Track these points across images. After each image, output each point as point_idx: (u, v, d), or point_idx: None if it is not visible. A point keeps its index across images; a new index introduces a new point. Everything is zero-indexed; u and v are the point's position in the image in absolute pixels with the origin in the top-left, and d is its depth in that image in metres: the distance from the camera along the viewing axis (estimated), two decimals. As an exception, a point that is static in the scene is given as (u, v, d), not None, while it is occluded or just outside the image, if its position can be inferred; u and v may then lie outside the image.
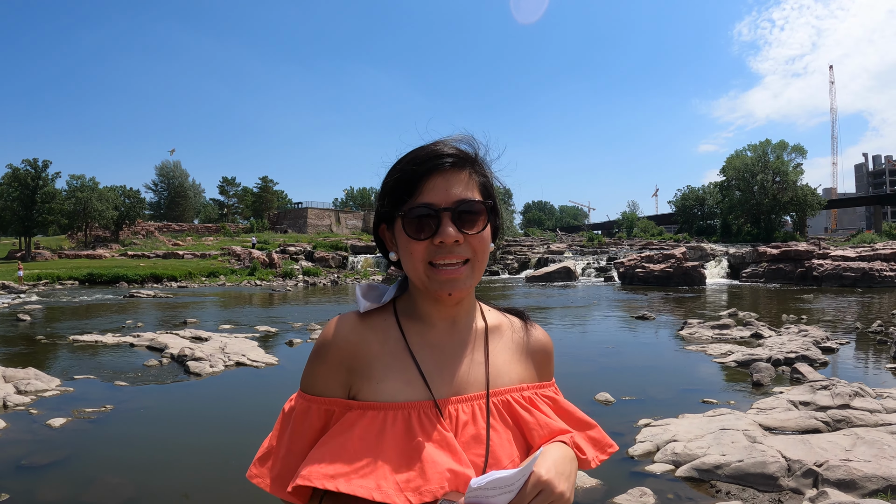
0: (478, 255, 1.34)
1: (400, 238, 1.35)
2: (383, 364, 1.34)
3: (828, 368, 11.63)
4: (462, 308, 1.43)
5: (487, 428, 1.32)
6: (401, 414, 1.28)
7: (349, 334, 1.36)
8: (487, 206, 1.36)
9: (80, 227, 70.70)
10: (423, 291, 1.38)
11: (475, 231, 1.33)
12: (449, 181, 1.32)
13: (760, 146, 76.88)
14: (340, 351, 1.34)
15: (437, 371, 1.36)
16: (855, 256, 41.04)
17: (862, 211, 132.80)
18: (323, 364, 1.35)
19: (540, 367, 1.51)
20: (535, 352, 1.52)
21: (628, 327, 18.76)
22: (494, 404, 1.37)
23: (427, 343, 1.39)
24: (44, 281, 40.75)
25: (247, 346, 13.60)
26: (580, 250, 63.10)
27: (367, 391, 1.32)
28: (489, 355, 1.43)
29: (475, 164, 1.39)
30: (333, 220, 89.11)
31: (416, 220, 1.30)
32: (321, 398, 1.33)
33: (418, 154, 1.34)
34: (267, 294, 34.87)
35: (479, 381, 1.39)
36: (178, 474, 6.33)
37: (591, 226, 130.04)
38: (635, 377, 10.94)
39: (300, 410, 1.34)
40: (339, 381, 1.33)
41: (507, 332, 1.50)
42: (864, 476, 5.33)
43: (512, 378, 1.43)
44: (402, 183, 1.34)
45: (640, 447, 6.73)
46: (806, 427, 7.18)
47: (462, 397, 1.34)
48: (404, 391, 1.31)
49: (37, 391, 9.42)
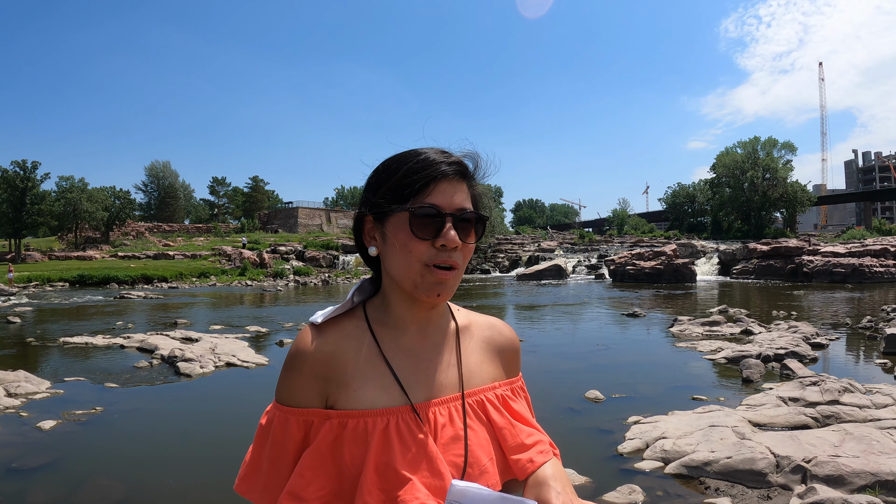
0: (463, 265, 1.36)
1: (398, 235, 1.33)
2: (359, 372, 1.34)
3: (818, 364, 11.67)
4: (435, 311, 1.45)
5: (465, 428, 1.33)
6: (380, 421, 1.28)
7: (323, 344, 1.35)
8: (482, 219, 1.40)
9: (71, 228, 70.14)
10: (404, 293, 1.37)
11: (471, 241, 1.36)
12: (454, 188, 1.35)
13: (750, 143, 77.19)
14: (315, 361, 1.33)
15: (412, 376, 1.37)
16: (845, 252, 41.33)
17: (852, 207, 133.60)
18: (299, 376, 1.33)
19: (508, 364, 1.54)
20: (504, 349, 1.54)
21: (619, 325, 18.79)
22: (470, 405, 1.38)
23: (401, 348, 1.40)
24: (34, 283, 40.32)
25: (237, 346, 13.55)
26: (571, 248, 63.23)
27: (344, 400, 1.31)
28: (461, 356, 1.45)
29: (473, 178, 1.43)
30: (324, 220, 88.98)
31: (423, 219, 1.30)
32: (299, 409, 1.32)
33: (427, 156, 1.35)
34: (258, 294, 34.72)
35: (454, 382, 1.40)
36: (170, 475, 6.29)
37: (581, 223, 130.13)
38: (625, 374, 10.97)
39: (279, 423, 1.33)
40: (316, 391, 1.32)
41: (476, 332, 1.53)
42: (852, 472, 5.35)
43: (484, 377, 1.46)
44: (411, 180, 1.33)
45: (629, 444, 6.74)
46: (795, 423, 7.21)
47: (438, 400, 1.35)
48: (382, 398, 1.31)
49: (27, 393, 9.36)
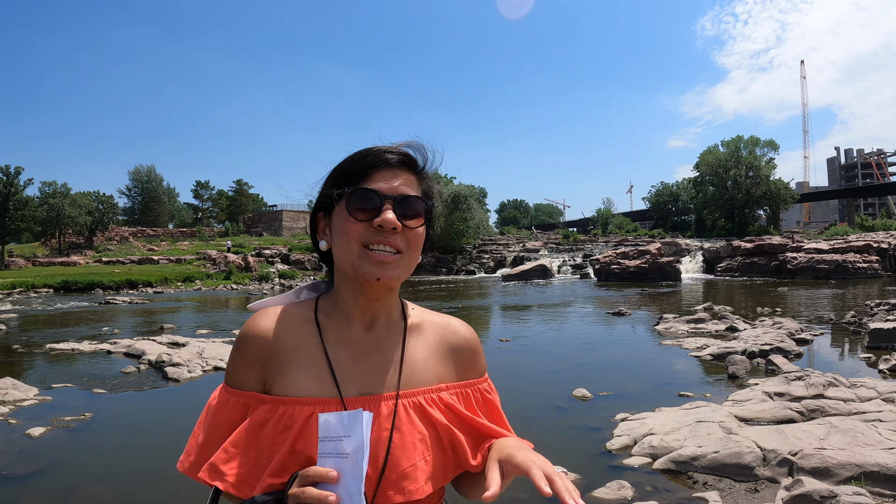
0: (411, 250, 1.36)
1: (337, 219, 1.36)
2: (296, 360, 1.36)
3: (802, 359, 11.75)
4: (383, 306, 1.44)
5: (391, 429, 1.31)
6: (306, 409, 1.29)
7: (265, 330, 1.39)
8: (427, 206, 1.38)
9: (54, 233, 69.53)
10: (349, 279, 1.39)
11: (413, 225, 1.35)
12: (396, 176, 1.36)
13: (733, 142, 77.84)
14: (256, 346, 1.37)
15: (349, 369, 1.37)
16: (828, 249, 41.70)
17: (835, 204, 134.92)
18: (240, 359, 1.38)
19: (465, 365, 1.50)
20: (458, 349, 1.50)
21: (605, 323, 18.80)
22: (404, 405, 1.36)
23: (343, 340, 1.40)
24: (18, 289, 39.89)
25: (224, 350, 13.38)
26: (556, 248, 63.28)
27: (279, 386, 1.34)
28: (406, 354, 1.43)
29: (421, 171, 1.43)
30: (308, 223, 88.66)
31: (359, 199, 1.32)
32: (240, 391, 1.36)
33: (368, 151, 1.39)
34: (243, 298, 34.47)
35: (392, 380, 1.39)
36: (160, 481, 6.21)
37: (566, 223, 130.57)
38: (612, 373, 10.99)
39: (220, 402, 1.37)
40: (255, 374, 1.36)
41: (428, 331, 1.50)
42: (838, 464, 5.39)
43: (428, 378, 1.43)
44: (350, 172, 1.36)
45: (617, 441, 6.75)
46: (781, 417, 7.25)
47: (370, 397, 1.35)
48: (313, 387, 1.33)
49: (14, 401, 9.22)
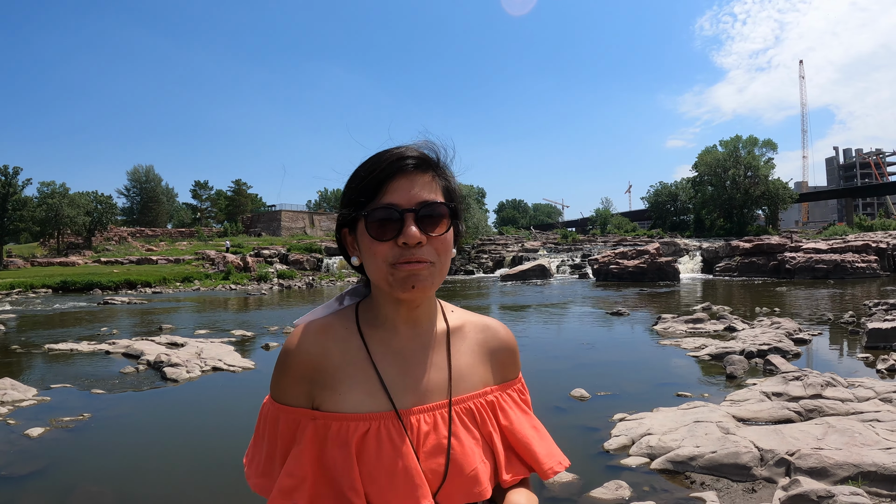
0: (440, 258, 1.33)
1: (363, 240, 1.33)
2: (345, 375, 1.35)
3: (801, 359, 11.76)
4: (423, 311, 1.42)
5: (449, 437, 1.31)
6: (361, 426, 1.29)
7: (310, 346, 1.36)
8: (450, 208, 1.35)
9: (52, 234, 69.31)
10: (386, 293, 1.36)
11: (438, 233, 1.32)
12: (413, 183, 1.32)
13: (731, 142, 77.66)
14: (302, 363, 1.35)
15: (399, 380, 1.36)
16: (827, 249, 41.68)
17: (833, 204, 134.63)
18: (286, 376, 1.36)
19: (504, 367, 1.50)
20: (498, 351, 1.50)
21: (603, 323, 18.81)
22: (457, 412, 1.36)
23: (389, 350, 1.39)
24: (17, 290, 39.88)
25: (223, 350, 13.42)
26: (555, 248, 63.24)
27: (329, 402, 1.33)
28: (451, 359, 1.42)
29: (437, 167, 1.38)
30: (307, 223, 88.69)
31: (379, 221, 1.29)
32: (288, 408, 1.34)
33: (381, 157, 1.34)
34: (242, 298, 34.54)
35: (442, 388, 1.38)
36: (159, 481, 6.23)
37: (565, 223, 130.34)
38: (610, 373, 10.99)
39: (271, 418, 1.36)
40: (303, 391, 1.34)
41: (469, 333, 1.48)
42: (835, 464, 5.39)
43: (475, 382, 1.43)
44: (365, 186, 1.33)
45: (615, 441, 6.74)
46: (778, 417, 7.25)
47: (424, 407, 1.34)
48: (366, 402, 1.32)
49: (13, 401, 9.21)
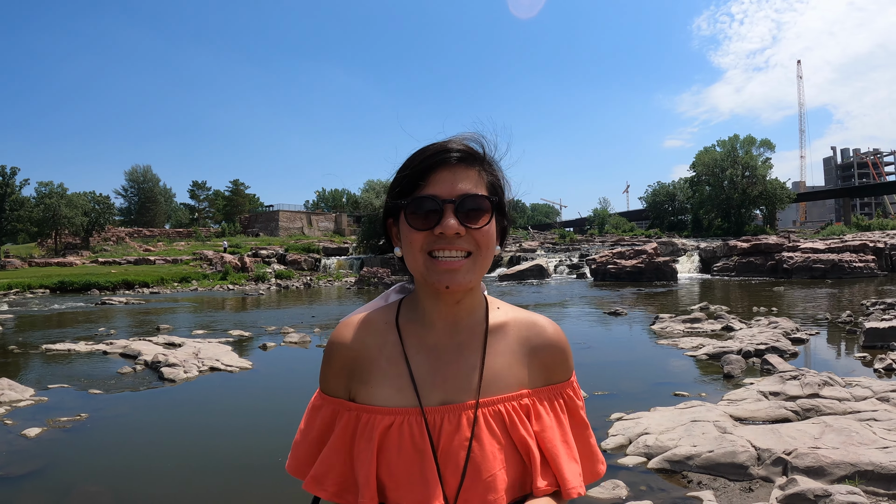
0: (481, 250, 1.31)
1: (402, 229, 1.34)
2: (379, 369, 1.38)
3: (798, 359, 11.79)
4: (463, 308, 1.39)
5: (471, 440, 1.29)
6: (386, 420, 1.31)
7: (349, 339, 1.41)
8: (493, 202, 1.33)
9: (50, 234, 69.27)
10: (423, 286, 1.36)
11: (478, 226, 1.30)
12: (456, 175, 1.31)
13: (729, 141, 77.56)
14: (341, 355, 1.41)
15: (430, 376, 1.36)
16: (824, 249, 41.77)
17: (831, 203, 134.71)
18: (329, 367, 1.42)
19: (549, 368, 1.42)
20: (541, 350, 1.42)
21: (601, 323, 18.85)
22: (484, 414, 1.32)
23: (424, 346, 1.39)
24: (14, 290, 39.89)
25: (221, 351, 13.45)
26: (552, 248, 63.31)
27: (362, 395, 1.37)
28: (486, 359, 1.38)
29: (484, 162, 1.38)
30: (305, 223, 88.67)
31: (419, 211, 1.29)
32: (330, 398, 1.41)
33: (427, 149, 1.35)
34: (240, 298, 34.54)
35: (472, 387, 1.35)
36: (156, 481, 6.26)
37: (562, 223, 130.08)
38: (608, 372, 11.02)
39: (316, 406, 1.43)
40: (342, 383, 1.40)
41: (512, 331, 1.43)
42: (832, 463, 5.39)
43: (510, 383, 1.37)
44: (410, 176, 1.33)
45: (612, 440, 6.75)
46: (775, 417, 7.26)
47: (451, 406, 1.32)
48: (394, 397, 1.34)
49: (11, 401, 9.22)
